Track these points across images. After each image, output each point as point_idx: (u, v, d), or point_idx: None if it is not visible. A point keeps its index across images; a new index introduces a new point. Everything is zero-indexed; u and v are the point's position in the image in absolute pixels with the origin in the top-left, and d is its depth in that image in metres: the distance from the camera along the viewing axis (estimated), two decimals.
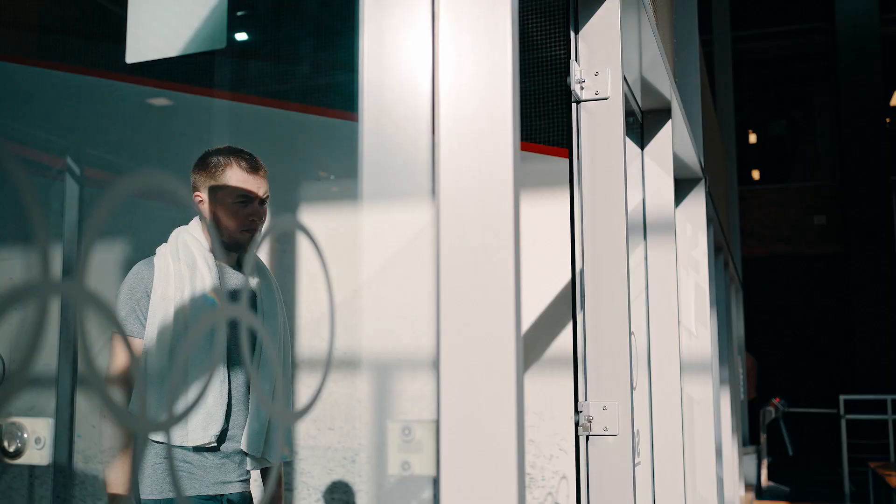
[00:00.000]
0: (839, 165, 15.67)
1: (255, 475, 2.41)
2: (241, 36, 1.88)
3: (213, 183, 2.27)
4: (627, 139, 3.61)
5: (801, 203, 15.82)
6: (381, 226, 1.48)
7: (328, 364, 1.65)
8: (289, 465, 3.05)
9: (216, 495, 2.28)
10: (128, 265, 2.29)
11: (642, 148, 3.87)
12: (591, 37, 2.48)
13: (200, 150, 2.37)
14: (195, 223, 2.33)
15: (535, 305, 3.12)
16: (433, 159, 1.25)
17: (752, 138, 17.86)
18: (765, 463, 10.69)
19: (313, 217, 2.19)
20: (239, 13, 1.73)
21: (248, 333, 2.18)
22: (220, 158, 2.30)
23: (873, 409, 11.96)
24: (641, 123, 3.88)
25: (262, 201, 2.32)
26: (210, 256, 2.28)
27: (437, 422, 1.15)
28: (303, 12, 1.93)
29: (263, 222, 2.33)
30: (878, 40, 15.29)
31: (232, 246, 2.33)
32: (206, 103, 2.16)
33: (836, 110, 15.87)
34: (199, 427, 2.21)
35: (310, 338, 2.16)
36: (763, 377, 13.60)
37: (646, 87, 3.63)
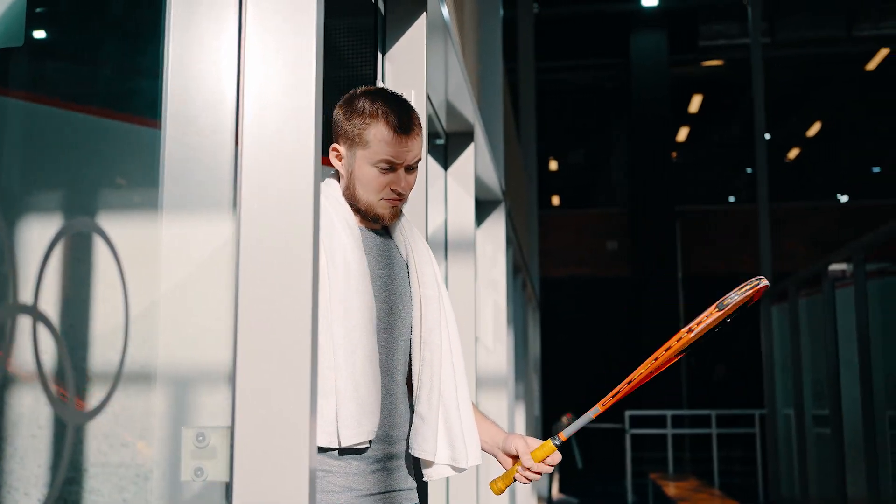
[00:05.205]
0: (631, 194, 16.71)
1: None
2: (40, 34, 1.81)
3: (351, 138, 1.87)
4: (431, 160, 3.71)
5: (596, 228, 16.74)
6: (183, 237, 1.48)
7: (118, 377, 1.61)
8: (76, 483, 2.91)
9: None
10: None
11: (446, 169, 4.00)
12: (397, 58, 2.56)
13: None
14: (332, 182, 1.94)
15: None
16: (236, 171, 1.27)
17: (553, 165, 18.71)
18: (556, 476, 11.15)
19: (112, 226, 2.12)
20: (38, 10, 1.67)
21: (399, 310, 1.91)
22: (367, 107, 1.86)
23: (655, 424, 12.76)
24: (445, 145, 4.00)
25: (411, 168, 1.89)
26: (352, 218, 1.89)
27: (232, 428, 1.17)
28: (107, 13, 1.88)
29: (409, 191, 1.92)
30: (668, 79, 16.47)
31: (370, 216, 1.91)
32: None
33: (629, 142, 16.93)
34: (352, 422, 1.75)
35: (103, 349, 2.09)
36: (556, 394, 14.20)
37: (450, 110, 3.76)
